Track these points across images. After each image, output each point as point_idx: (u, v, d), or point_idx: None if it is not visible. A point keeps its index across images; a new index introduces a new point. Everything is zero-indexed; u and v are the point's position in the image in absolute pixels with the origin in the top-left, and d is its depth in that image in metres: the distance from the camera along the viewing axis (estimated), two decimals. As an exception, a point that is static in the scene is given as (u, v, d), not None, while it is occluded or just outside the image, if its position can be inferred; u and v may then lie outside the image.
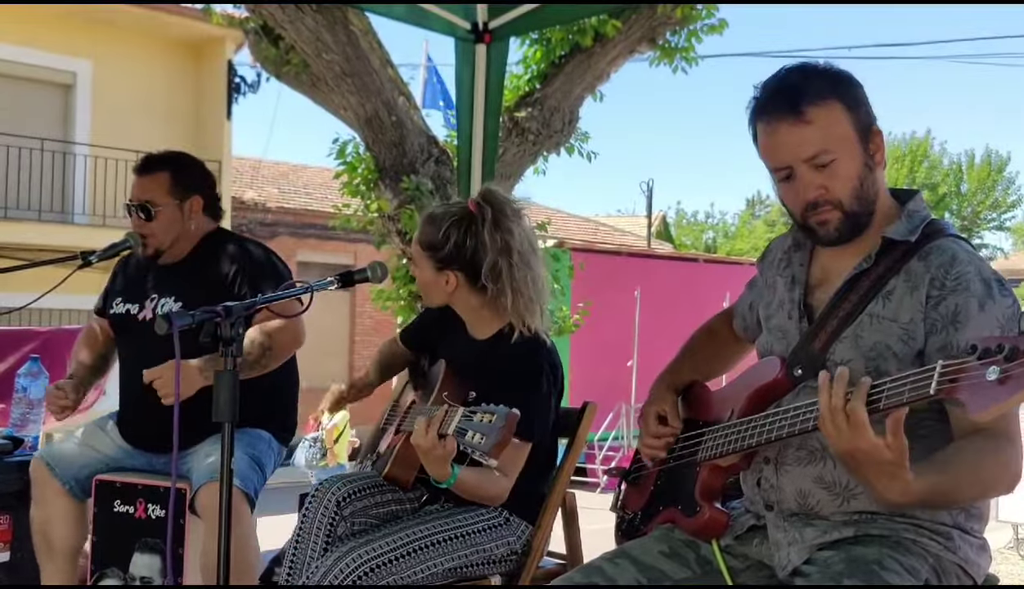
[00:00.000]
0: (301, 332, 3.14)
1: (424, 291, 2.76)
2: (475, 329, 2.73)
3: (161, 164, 3.24)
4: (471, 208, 2.65)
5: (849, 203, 1.89)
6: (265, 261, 3.20)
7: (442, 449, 2.19)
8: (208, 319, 2.01)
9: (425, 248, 2.67)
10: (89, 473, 3.20)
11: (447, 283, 2.67)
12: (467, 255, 2.63)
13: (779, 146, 1.90)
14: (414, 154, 6.72)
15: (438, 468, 2.27)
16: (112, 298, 3.35)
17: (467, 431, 2.12)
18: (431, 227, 2.65)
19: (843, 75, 1.91)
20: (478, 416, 2.13)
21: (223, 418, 2.03)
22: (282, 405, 3.32)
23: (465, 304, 2.71)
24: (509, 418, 2.09)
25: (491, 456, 2.08)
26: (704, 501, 2.05)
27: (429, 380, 2.80)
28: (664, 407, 2.29)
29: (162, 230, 3.19)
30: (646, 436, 2.29)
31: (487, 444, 2.08)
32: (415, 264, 2.73)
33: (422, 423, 2.22)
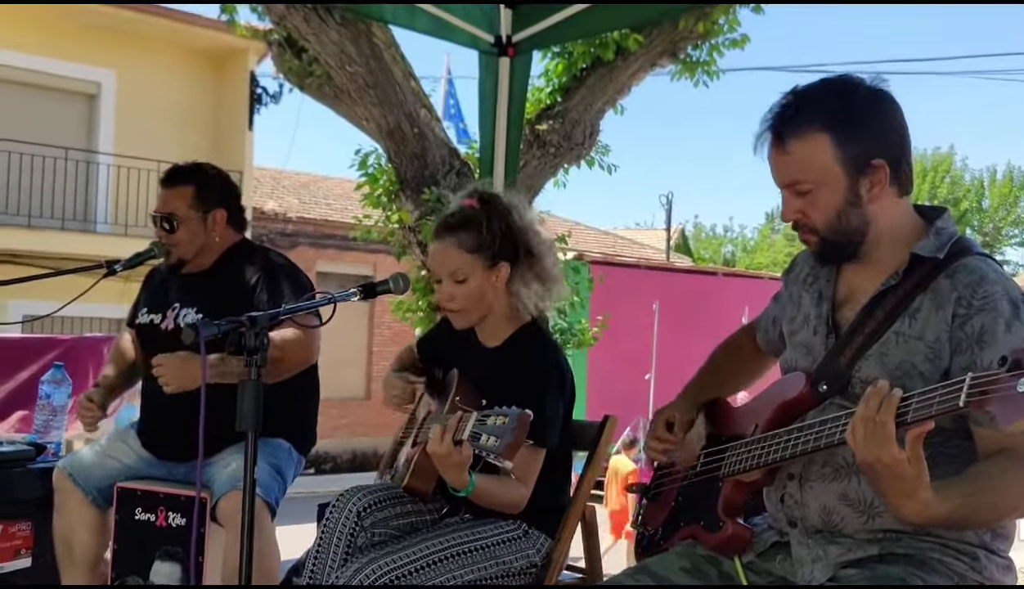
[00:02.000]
0: (315, 347, 3.16)
1: (471, 306, 2.67)
2: (487, 336, 2.74)
3: (186, 177, 3.27)
4: (477, 203, 2.65)
5: (825, 231, 1.92)
6: (286, 273, 3.22)
7: (458, 456, 2.19)
8: (233, 329, 2.02)
9: (474, 251, 2.62)
10: (111, 482, 3.22)
11: (497, 278, 2.66)
12: (512, 239, 2.65)
13: (771, 166, 1.95)
14: (435, 166, 6.73)
15: (455, 476, 2.27)
16: (139, 309, 3.40)
17: (481, 434, 2.13)
18: (468, 232, 2.61)
19: (853, 104, 1.88)
20: (491, 419, 2.14)
21: (247, 427, 2.04)
22: (303, 415, 3.33)
23: (498, 302, 2.70)
24: (521, 418, 2.09)
25: (505, 457, 2.09)
26: (726, 516, 2.03)
27: (443, 390, 2.81)
28: (675, 415, 2.30)
29: (185, 242, 3.22)
30: (650, 436, 2.32)
31: (501, 445, 2.09)
32: (452, 281, 2.63)
33: (437, 430, 2.23)
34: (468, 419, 2.17)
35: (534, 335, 2.74)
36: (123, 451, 3.27)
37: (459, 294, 2.63)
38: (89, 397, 3.25)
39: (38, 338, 5.21)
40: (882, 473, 1.64)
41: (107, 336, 4.77)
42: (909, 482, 1.62)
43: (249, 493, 2.06)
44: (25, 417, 4.40)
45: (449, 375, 2.75)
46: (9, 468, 3.53)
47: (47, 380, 3.94)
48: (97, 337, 4.89)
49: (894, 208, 1.92)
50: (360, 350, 18.46)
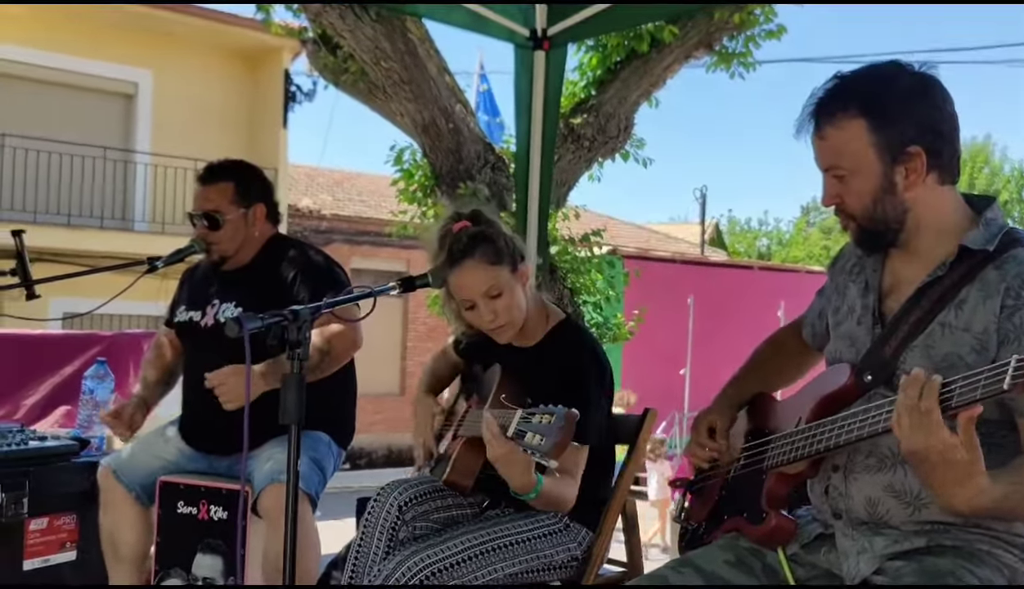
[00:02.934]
0: (359, 338, 3.17)
1: (514, 316, 2.65)
2: (523, 337, 2.74)
3: (225, 173, 3.29)
4: (470, 222, 2.66)
5: (861, 218, 1.92)
6: (324, 266, 3.23)
7: (520, 454, 2.19)
8: (276, 322, 2.03)
9: (498, 262, 2.61)
10: (154, 479, 3.26)
11: (524, 280, 2.67)
12: (518, 244, 2.68)
13: (831, 146, 1.93)
14: (471, 161, 6.74)
15: (522, 476, 2.27)
16: (177, 307, 3.42)
17: (526, 433, 2.13)
18: (484, 247, 2.59)
19: (893, 90, 1.87)
20: (536, 417, 2.13)
21: (290, 420, 2.05)
22: (342, 409, 3.35)
23: (530, 303, 2.71)
24: (568, 417, 2.09)
25: (551, 457, 2.09)
26: (770, 508, 2.02)
27: (484, 385, 2.81)
28: (717, 421, 2.28)
29: (228, 238, 3.24)
30: (693, 443, 2.30)
31: (547, 445, 2.09)
32: (487, 299, 2.62)
33: (490, 433, 2.22)
34: (512, 417, 2.17)
35: (572, 331, 2.74)
36: (165, 448, 3.31)
37: (499, 308, 2.63)
38: (116, 413, 3.25)
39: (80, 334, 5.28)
40: (933, 461, 1.62)
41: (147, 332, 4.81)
42: (962, 468, 1.60)
43: (292, 486, 2.08)
44: (69, 412, 4.46)
45: (491, 370, 2.76)
46: (54, 462, 3.58)
47: (90, 376, 3.99)
48: (137, 333, 4.94)
49: (937, 197, 1.90)
50: (395, 346, 18.53)
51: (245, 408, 2.04)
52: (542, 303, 2.78)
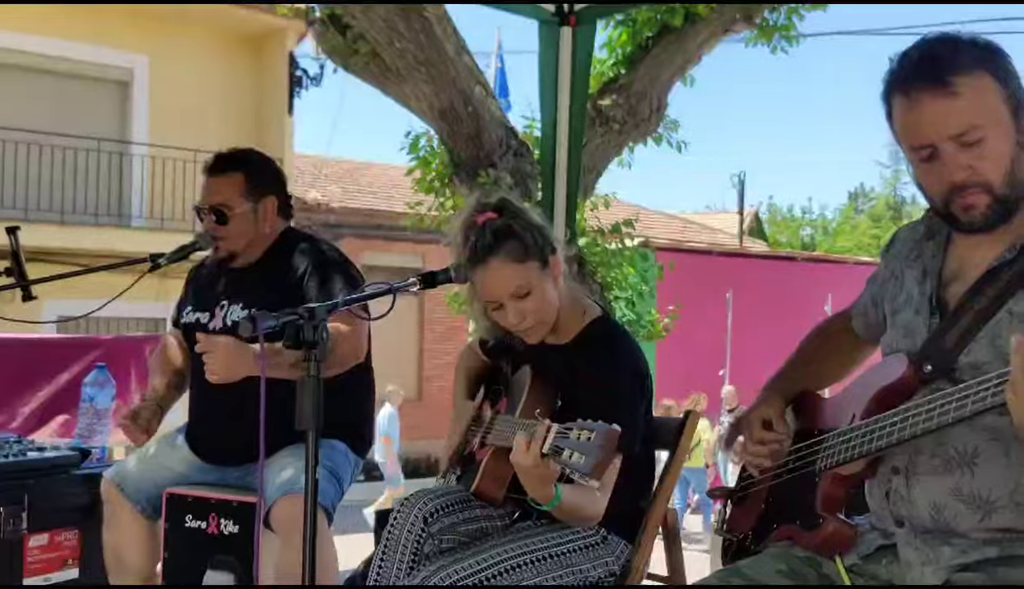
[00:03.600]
0: (362, 344, 3.18)
1: (545, 315, 2.65)
2: (556, 335, 2.73)
3: (234, 164, 3.30)
4: (495, 213, 2.65)
5: (999, 186, 1.83)
6: (336, 263, 3.24)
7: (545, 468, 2.20)
8: (291, 321, 2.05)
9: (525, 258, 2.59)
10: (160, 491, 3.28)
11: (555, 275, 2.66)
12: (542, 231, 2.65)
13: (921, 122, 1.84)
14: (492, 147, 6.75)
15: (541, 489, 2.28)
16: (184, 307, 3.44)
17: (563, 449, 2.12)
18: (509, 243, 2.58)
19: (992, 46, 1.85)
20: (574, 433, 2.12)
21: (307, 426, 2.07)
22: (359, 415, 3.37)
23: (563, 298, 2.71)
24: (609, 435, 2.08)
25: (592, 477, 2.08)
26: (827, 513, 2.01)
27: (513, 388, 2.81)
28: (769, 411, 2.26)
29: (236, 234, 3.26)
30: (749, 443, 2.26)
31: (587, 464, 2.08)
32: (515, 299, 2.60)
33: (522, 441, 2.22)
34: (548, 431, 2.17)
35: (608, 330, 2.73)
36: (173, 458, 3.33)
37: (528, 309, 2.62)
38: (134, 414, 3.26)
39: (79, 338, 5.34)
40: None
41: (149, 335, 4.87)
42: None
43: (311, 497, 2.09)
44: (67, 421, 4.50)
45: (521, 372, 2.75)
46: (54, 474, 3.62)
47: (89, 382, 4.02)
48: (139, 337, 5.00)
49: None
50: (411, 348, 18.58)
51: (261, 414, 2.05)
52: (576, 297, 2.77)
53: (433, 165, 7.37)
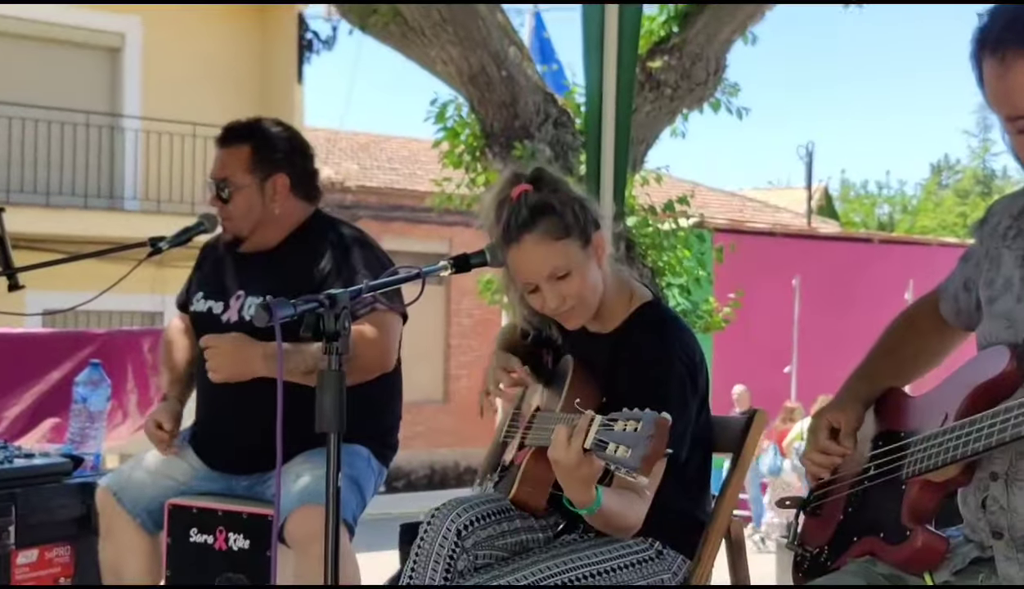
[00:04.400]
0: (391, 350, 3.19)
1: (587, 298, 2.64)
2: (599, 322, 2.74)
3: (243, 135, 3.32)
4: (530, 185, 2.64)
5: None
6: (364, 252, 3.26)
7: (588, 467, 2.20)
8: (311, 309, 2.06)
9: (564, 236, 2.59)
10: (162, 502, 3.30)
11: (599, 254, 2.66)
12: (583, 205, 2.65)
13: (1015, 89, 1.83)
14: (528, 115, 6.75)
15: (582, 491, 2.27)
16: (194, 293, 3.45)
17: (607, 443, 2.12)
18: (547, 219, 2.57)
19: None
20: (619, 424, 2.13)
21: (328, 428, 2.08)
22: (384, 417, 3.39)
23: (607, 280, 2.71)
24: (659, 425, 2.08)
25: (640, 472, 2.08)
26: (914, 524, 2.01)
27: (555, 381, 2.82)
28: (840, 418, 2.26)
29: (239, 214, 3.28)
30: (811, 449, 2.27)
31: (634, 458, 2.07)
32: (553, 281, 2.60)
33: (562, 434, 2.23)
34: (591, 424, 2.18)
35: (658, 317, 2.73)
36: (176, 465, 3.36)
37: (569, 291, 2.61)
38: (158, 422, 3.28)
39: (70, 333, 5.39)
40: None
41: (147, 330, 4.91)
42: None
43: (334, 509, 2.10)
44: (57, 425, 4.55)
45: (562, 363, 2.76)
46: (43, 484, 3.65)
47: (82, 381, 4.05)
48: (136, 331, 5.05)
49: None
50: (436, 343, 18.61)
51: (278, 413, 2.07)
52: (623, 280, 2.77)
53: (462, 136, 7.38)
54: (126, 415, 4.83)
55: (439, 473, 18.53)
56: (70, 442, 4.03)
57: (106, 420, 4.10)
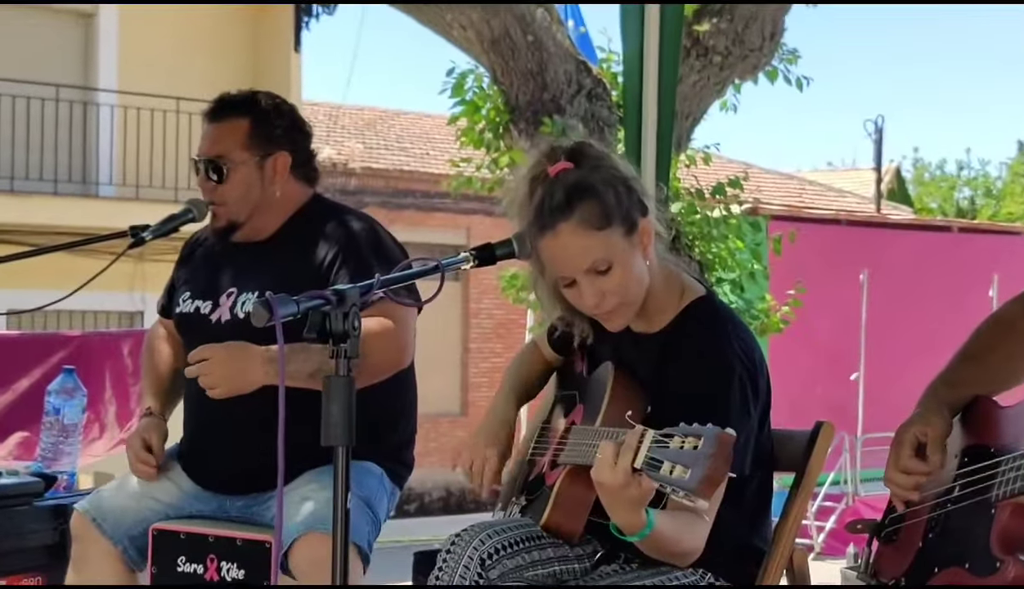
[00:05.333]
0: (406, 346, 3.18)
1: (631, 296, 2.63)
2: (643, 321, 2.73)
3: (238, 108, 3.33)
4: (569, 162, 2.63)
5: None
6: (373, 242, 3.27)
7: (637, 489, 2.18)
8: (316, 307, 2.06)
9: (606, 224, 2.56)
10: (146, 527, 3.30)
11: (645, 245, 2.64)
12: (631, 187, 2.64)
13: None
14: (559, 86, 6.74)
15: (630, 515, 2.26)
16: (179, 294, 3.46)
17: (661, 462, 2.11)
18: (586, 204, 2.55)
19: None
20: (676, 440, 2.11)
21: (336, 442, 2.08)
22: (398, 430, 3.40)
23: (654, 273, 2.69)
24: (721, 442, 2.06)
25: (699, 494, 2.07)
26: (1006, 554, 2.00)
27: (591, 391, 2.81)
28: (926, 431, 2.26)
29: (236, 197, 3.28)
30: (892, 469, 2.28)
31: (693, 479, 2.06)
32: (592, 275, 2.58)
33: (608, 452, 2.22)
34: (642, 439, 2.17)
35: (712, 314, 2.72)
36: (163, 486, 3.36)
37: (609, 288, 2.59)
38: (145, 443, 3.28)
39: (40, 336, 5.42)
40: None
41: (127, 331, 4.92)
42: None
43: (342, 533, 2.11)
44: (26, 440, 4.55)
45: (601, 370, 2.76)
46: (12, 507, 3.66)
47: (55, 390, 4.05)
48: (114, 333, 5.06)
49: None
50: (452, 348, 18.65)
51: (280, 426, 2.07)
52: (672, 272, 2.75)
53: (483, 111, 7.38)
54: (103, 428, 4.83)
55: (456, 496, 18.54)
56: (41, 459, 4.04)
57: (82, 434, 4.11)
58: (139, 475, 3.30)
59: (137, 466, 3.28)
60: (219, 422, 3.20)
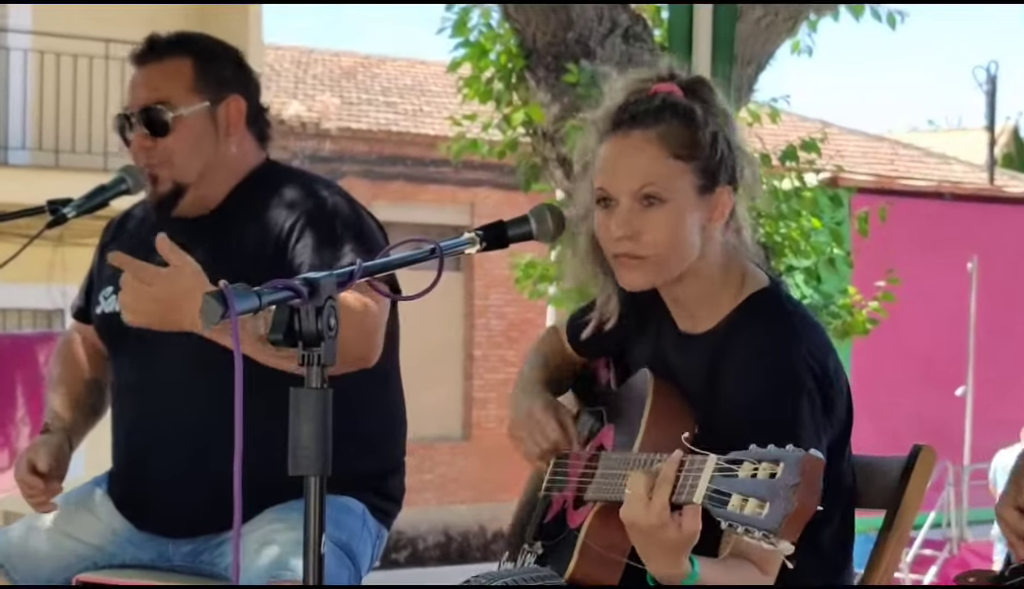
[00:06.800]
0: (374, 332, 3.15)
1: (668, 250, 2.64)
2: (690, 314, 2.75)
3: (175, 48, 3.34)
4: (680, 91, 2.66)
5: None
6: (341, 214, 3.27)
7: (677, 530, 2.19)
8: (283, 300, 2.06)
9: (684, 156, 2.61)
10: (68, 577, 3.32)
11: (715, 213, 2.65)
12: (735, 152, 2.67)
13: None
14: (587, 24, 6.75)
15: (670, 563, 2.27)
16: (99, 289, 3.45)
17: (728, 496, 2.11)
18: (676, 124, 2.61)
19: None
20: (746, 467, 2.11)
21: (307, 470, 2.08)
22: (382, 454, 3.41)
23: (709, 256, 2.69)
24: (807, 468, 2.05)
25: (781, 536, 2.06)
26: None
27: (623, 406, 2.82)
28: None
29: (184, 151, 3.27)
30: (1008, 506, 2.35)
31: (773, 517, 2.05)
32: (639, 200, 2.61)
33: (640, 485, 2.22)
34: (700, 466, 2.16)
35: (776, 308, 2.73)
36: (86, 524, 3.38)
37: (648, 229, 2.61)
38: (32, 466, 3.24)
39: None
40: None
41: (43, 333, 4.93)
42: None
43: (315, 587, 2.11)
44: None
45: (636, 379, 2.77)
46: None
47: (-46, 407, 4.09)
48: (27, 335, 5.09)
49: None
50: (451, 355, 18.69)
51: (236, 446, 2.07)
52: (734, 259, 2.75)
53: (491, 55, 7.39)
54: (14, 455, 4.85)
55: (457, 540, 18.60)
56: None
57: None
58: (28, 501, 3.28)
59: (24, 495, 3.27)
60: (160, 445, 3.20)
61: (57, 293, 11.77)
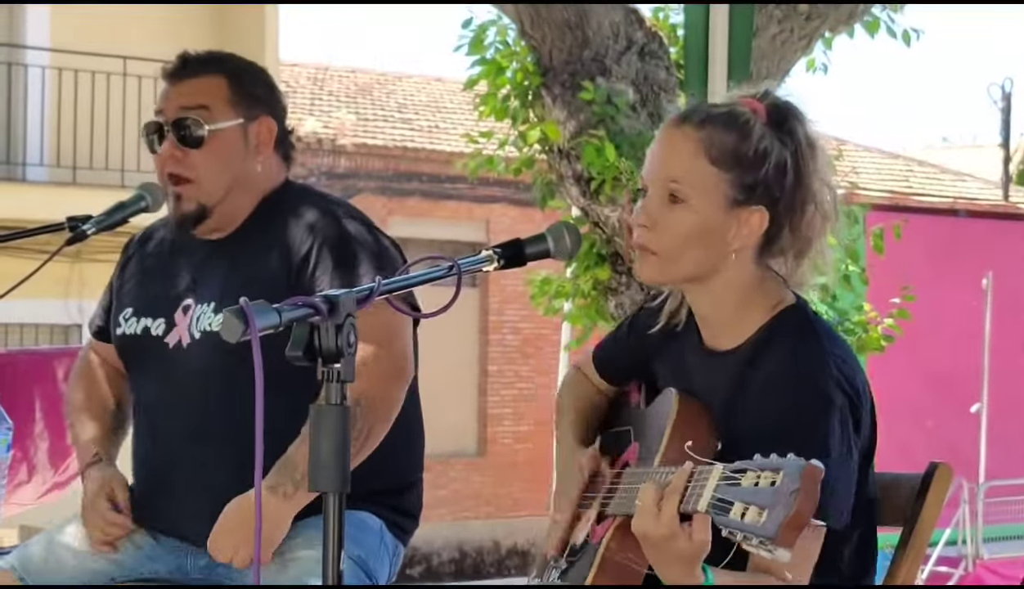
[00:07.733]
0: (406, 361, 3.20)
1: (677, 251, 2.65)
2: (716, 331, 2.74)
3: (211, 65, 3.37)
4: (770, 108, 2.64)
5: None
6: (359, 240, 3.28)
7: (686, 540, 2.19)
8: (303, 317, 2.06)
9: (724, 165, 2.61)
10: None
11: (736, 233, 2.64)
12: (795, 181, 2.63)
13: None
14: (603, 42, 6.74)
15: (682, 572, 2.27)
16: (119, 310, 3.45)
17: (731, 504, 2.12)
18: (729, 133, 2.60)
19: None
20: (749, 475, 2.12)
21: (327, 487, 2.08)
22: (400, 469, 3.41)
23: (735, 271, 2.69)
24: (806, 476, 2.07)
25: (779, 543, 2.07)
26: None
27: (648, 425, 2.81)
28: None
29: (213, 169, 3.27)
30: None
31: (771, 524, 2.06)
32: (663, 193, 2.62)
33: (649, 496, 2.23)
34: (706, 476, 2.16)
35: (802, 325, 2.71)
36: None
37: (667, 222, 2.62)
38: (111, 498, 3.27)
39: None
40: None
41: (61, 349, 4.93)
42: None
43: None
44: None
45: (661, 399, 2.76)
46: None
47: (-33, 423, 4.09)
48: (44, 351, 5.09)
49: None
50: (467, 371, 18.66)
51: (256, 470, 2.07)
52: (763, 281, 2.74)
53: (508, 73, 7.38)
54: (32, 470, 4.84)
55: (472, 556, 18.55)
56: (-46, 507, 4.07)
57: (6, 477, 4.13)
58: (103, 548, 3.29)
59: (107, 532, 3.27)
60: (183, 463, 3.21)
61: (74, 308, 11.81)
